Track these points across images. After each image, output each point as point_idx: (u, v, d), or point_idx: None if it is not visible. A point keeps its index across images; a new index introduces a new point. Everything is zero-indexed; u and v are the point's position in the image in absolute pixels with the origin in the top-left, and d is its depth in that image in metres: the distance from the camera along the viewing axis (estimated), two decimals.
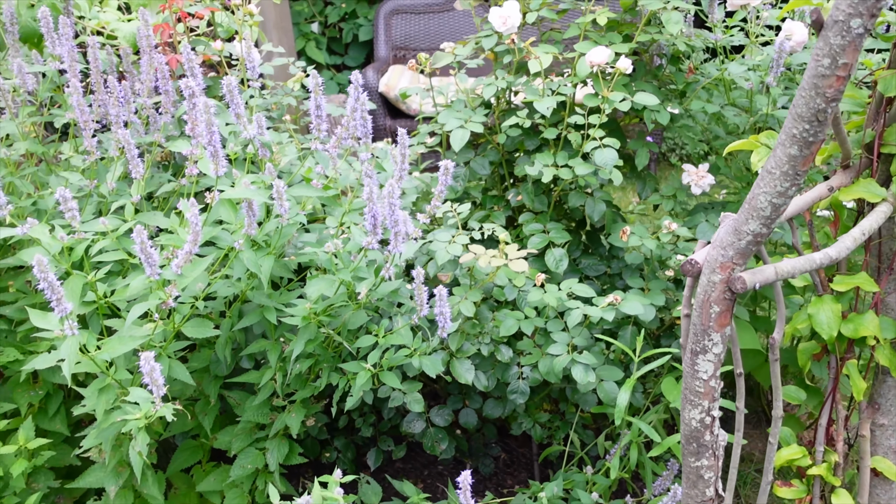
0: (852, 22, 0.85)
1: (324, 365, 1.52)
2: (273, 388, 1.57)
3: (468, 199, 2.07)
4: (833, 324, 1.40)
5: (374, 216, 1.25)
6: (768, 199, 1.00)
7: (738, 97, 1.96)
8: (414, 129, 2.22)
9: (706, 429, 1.19)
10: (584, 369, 1.59)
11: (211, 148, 1.22)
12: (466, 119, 1.80)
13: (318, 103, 1.31)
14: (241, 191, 1.30)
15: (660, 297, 1.74)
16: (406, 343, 1.43)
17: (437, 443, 1.82)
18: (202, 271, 1.31)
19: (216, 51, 1.76)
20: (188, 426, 1.74)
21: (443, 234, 1.62)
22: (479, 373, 1.71)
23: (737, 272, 1.08)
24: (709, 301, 1.10)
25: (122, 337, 1.30)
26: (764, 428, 2.40)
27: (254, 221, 1.34)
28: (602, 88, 1.63)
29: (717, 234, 1.09)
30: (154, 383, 1.14)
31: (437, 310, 1.35)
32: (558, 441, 2.04)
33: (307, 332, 1.40)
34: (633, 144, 1.87)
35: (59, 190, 1.29)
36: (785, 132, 0.96)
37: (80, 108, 1.45)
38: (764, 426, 2.40)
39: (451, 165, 1.43)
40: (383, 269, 1.34)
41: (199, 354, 1.67)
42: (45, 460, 1.64)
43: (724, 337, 1.13)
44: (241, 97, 1.34)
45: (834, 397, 1.53)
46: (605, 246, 2.01)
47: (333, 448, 2.00)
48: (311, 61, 4.71)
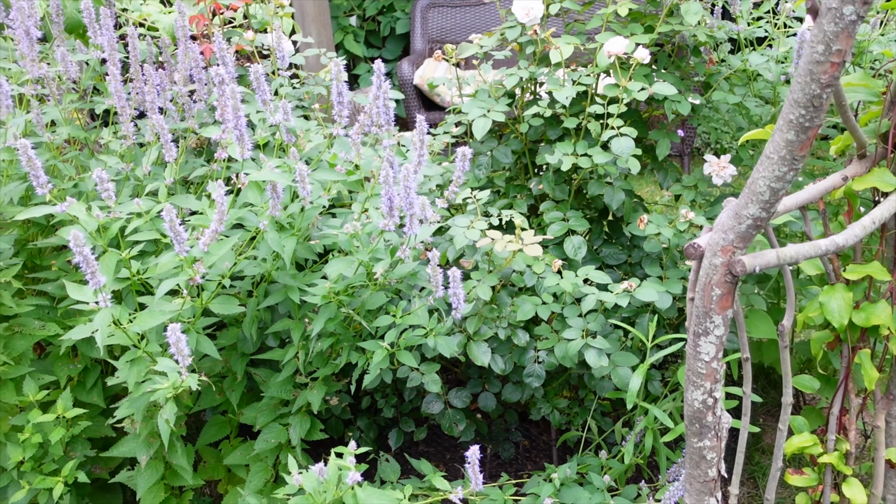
0: (845, 9, 0.88)
1: (344, 344, 1.58)
2: (296, 366, 1.63)
3: (492, 188, 2.11)
4: (844, 312, 1.41)
5: (391, 199, 1.30)
6: (767, 183, 1.03)
7: (762, 88, 1.97)
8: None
9: (708, 410, 1.22)
10: (598, 353, 1.62)
11: (237, 132, 1.28)
12: (489, 108, 1.84)
13: (339, 90, 1.37)
14: (266, 173, 1.36)
15: (676, 286, 1.77)
16: (422, 323, 1.48)
17: (455, 424, 1.87)
18: (228, 250, 1.38)
19: (248, 41, 1.83)
20: (216, 401, 1.82)
21: (462, 219, 1.67)
22: (496, 356, 1.76)
23: (737, 255, 1.10)
24: (710, 284, 1.13)
25: (153, 311, 1.37)
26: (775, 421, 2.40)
27: (278, 203, 1.40)
28: (621, 78, 1.66)
29: (719, 218, 1.12)
30: (180, 353, 1.21)
31: (450, 291, 1.40)
32: (577, 427, 2.07)
33: (327, 311, 1.46)
34: (655, 135, 1.89)
35: (97, 171, 1.36)
36: (782, 118, 0.98)
37: (118, 94, 1.53)
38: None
39: (468, 152, 1.47)
40: (399, 251, 1.39)
41: (226, 332, 1.75)
42: (82, 430, 1.73)
43: (726, 319, 1.16)
44: (267, 85, 1.40)
45: (846, 386, 1.53)
46: (627, 235, 2.04)
47: (356, 428, 2.06)
48: (349, 54, 4.79)
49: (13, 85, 1.64)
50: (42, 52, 1.91)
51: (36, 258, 1.86)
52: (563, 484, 1.73)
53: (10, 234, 1.75)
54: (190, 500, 1.86)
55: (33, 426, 1.65)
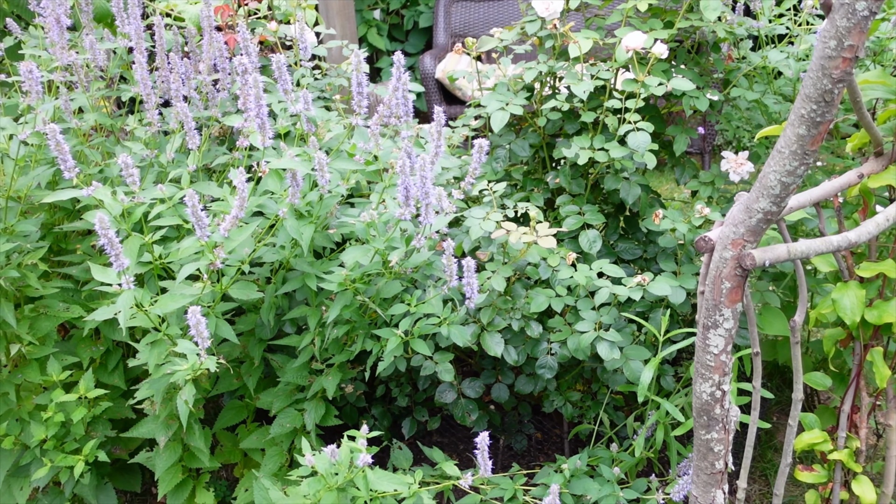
0: (857, 4, 0.88)
1: (359, 331, 1.61)
2: (312, 352, 1.66)
3: (509, 181, 2.13)
4: (856, 309, 1.41)
5: (407, 189, 1.32)
6: (778, 177, 1.04)
7: (782, 86, 1.97)
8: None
9: (716, 402, 1.23)
10: (610, 346, 1.64)
11: (258, 120, 1.31)
12: (507, 102, 1.85)
13: (358, 80, 1.39)
14: (286, 161, 1.39)
15: (690, 281, 1.77)
16: (436, 312, 1.51)
17: (468, 413, 1.89)
18: (248, 236, 1.41)
19: (272, 32, 1.87)
20: (233, 386, 1.85)
21: (478, 211, 1.69)
22: (509, 347, 1.77)
23: (747, 249, 1.11)
24: (720, 277, 1.14)
25: (174, 294, 1.41)
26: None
27: (297, 191, 1.43)
28: (639, 73, 1.67)
29: (730, 212, 1.13)
30: (199, 335, 1.24)
31: (464, 280, 1.42)
32: (589, 420, 2.09)
33: (343, 298, 1.49)
34: (672, 130, 1.90)
35: (122, 156, 1.40)
36: (794, 112, 0.99)
37: (144, 82, 1.56)
38: None
39: (485, 144, 1.49)
40: (414, 240, 1.41)
41: (245, 318, 1.78)
42: (103, 410, 1.77)
43: (736, 313, 1.17)
44: (288, 75, 1.43)
45: (858, 383, 1.54)
46: (643, 231, 2.04)
47: (371, 416, 2.09)
48: (373, 47, 4.82)
49: (43, 72, 1.68)
50: (71, 41, 1.95)
51: (62, 242, 1.90)
52: (574, 475, 1.75)
53: (38, 217, 1.79)
54: (206, 482, 1.90)
55: (56, 405, 1.69)
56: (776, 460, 2.24)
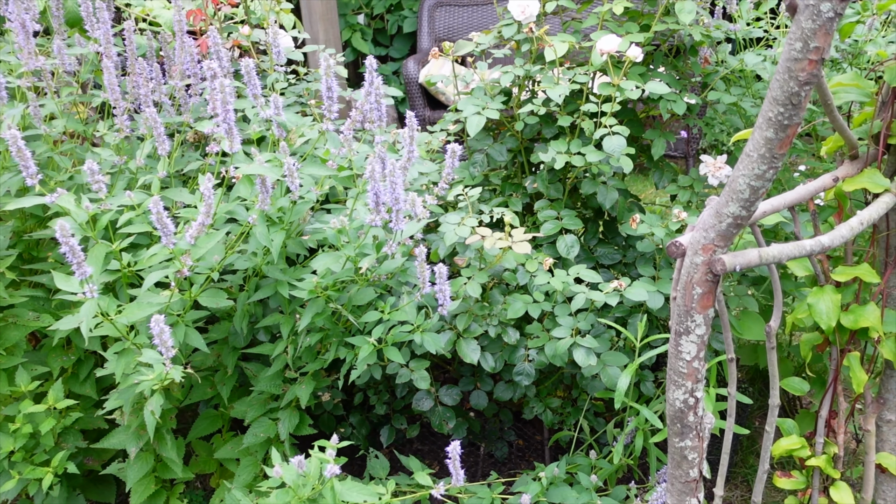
0: (822, 6, 0.87)
1: (333, 339, 1.59)
2: (286, 361, 1.64)
3: (488, 186, 2.11)
4: (832, 314, 1.40)
5: (377, 195, 1.30)
6: (747, 181, 1.02)
7: (759, 89, 1.96)
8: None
9: (690, 409, 1.21)
10: (587, 353, 1.62)
11: (226, 125, 1.29)
12: (484, 106, 1.84)
13: (328, 85, 1.37)
14: (255, 167, 1.36)
15: (669, 286, 1.76)
16: (410, 320, 1.49)
17: (445, 421, 1.87)
18: (217, 243, 1.38)
19: (244, 36, 1.84)
20: (207, 395, 1.83)
21: (453, 216, 1.67)
22: (486, 354, 1.75)
23: (718, 254, 1.10)
24: (691, 283, 1.13)
25: (141, 303, 1.38)
26: None
27: (267, 197, 1.41)
28: (614, 77, 1.66)
29: (700, 216, 1.12)
30: (163, 345, 1.22)
31: (436, 287, 1.40)
32: (569, 427, 2.07)
33: (315, 306, 1.46)
34: (650, 134, 1.89)
35: (88, 163, 1.37)
36: (762, 116, 0.98)
37: (112, 88, 1.54)
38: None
39: (458, 149, 1.47)
40: (385, 246, 1.39)
41: (218, 326, 1.76)
42: (74, 421, 1.74)
43: (708, 318, 1.15)
44: (258, 80, 1.41)
45: (835, 388, 1.52)
46: (623, 235, 2.03)
47: (348, 424, 2.06)
48: (357, 52, 4.80)
49: (8, 77, 1.65)
50: (43, 46, 1.92)
51: (33, 250, 1.87)
52: (552, 483, 1.73)
53: (7, 225, 1.76)
54: (181, 493, 1.87)
55: (24, 416, 1.66)
56: (757, 465, 2.22)
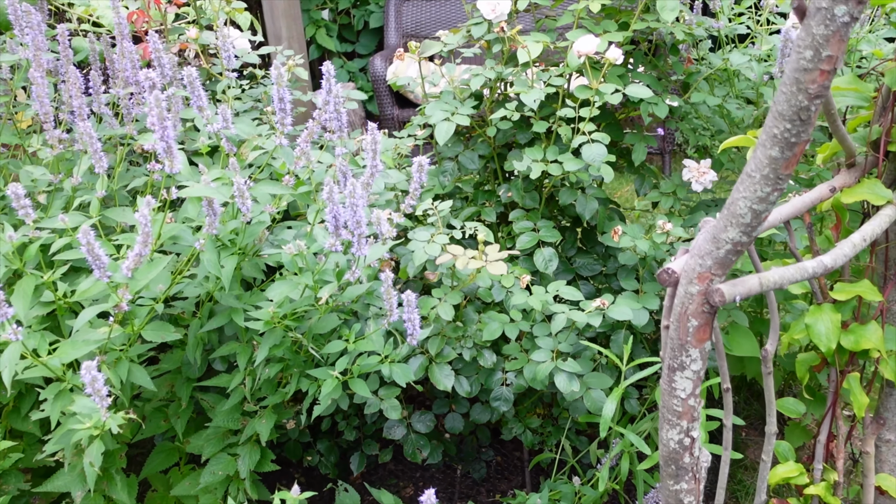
0: (837, 9, 0.76)
1: (294, 370, 1.46)
2: (244, 394, 1.51)
3: (459, 195, 1.99)
4: (832, 335, 1.30)
5: (336, 217, 1.18)
6: (748, 204, 0.91)
7: (744, 88, 1.86)
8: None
9: (685, 450, 1.10)
10: (568, 378, 1.51)
11: (164, 143, 1.15)
12: (453, 111, 1.71)
13: (281, 95, 1.24)
14: (200, 188, 1.23)
15: (653, 301, 1.65)
16: (377, 349, 1.36)
17: (419, 449, 1.75)
18: (160, 271, 1.25)
19: (191, 39, 1.70)
20: (162, 428, 1.69)
21: (422, 233, 1.55)
22: (461, 378, 1.64)
23: (715, 283, 0.99)
24: (686, 314, 1.02)
25: (76, 341, 1.24)
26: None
27: (215, 220, 1.27)
28: (593, 80, 1.54)
29: (695, 241, 1.00)
30: (97, 394, 1.08)
31: (405, 316, 1.27)
32: (550, 447, 1.96)
33: (272, 338, 1.34)
34: (631, 139, 1.78)
35: (12, 186, 1.23)
36: (765, 132, 0.87)
37: (41, 100, 1.39)
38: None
39: (426, 162, 1.35)
40: (347, 273, 1.26)
41: (170, 355, 1.62)
42: (14, 462, 1.59)
43: (704, 352, 1.05)
44: (202, 89, 1.27)
45: (834, 412, 1.43)
46: (603, 244, 1.92)
47: (316, 451, 1.94)
48: (322, 49, 4.64)
49: None
50: None
51: None
52: None
53: None
54: None
55: None
56: (746, 481, 2.14)
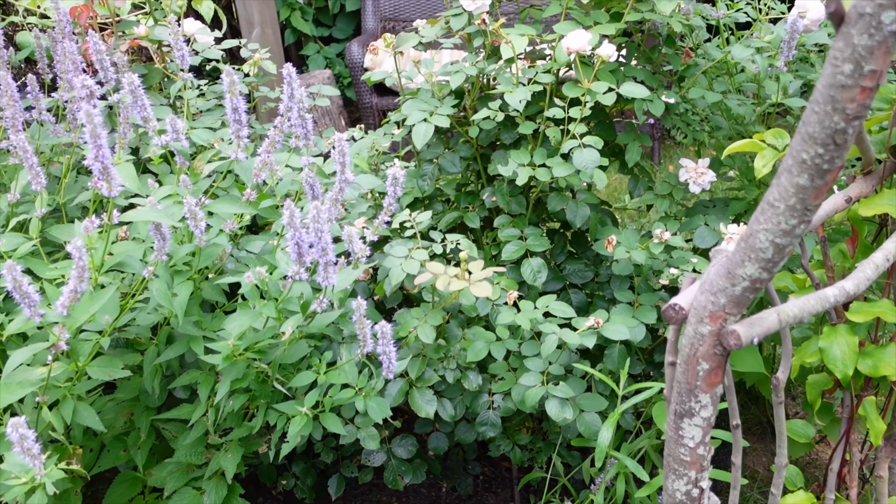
0: (884, 16, 0.63)
1: (261, 401, 1.33)
2: (206, 427, 1.38)
3: (440, 197, 1.86)
4: (848, 360, 1.19)
5: (299, 243, 1.04)
6: (770, 238, 0.79)
7: (743, 81, 1.73)
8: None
9: (693, 502, 0.99)
10: (560, 404, 1.39)
11: (99, 164, 1.01)
12: (431, 111, 1.58)
13: (234, 105, 1.10)
14: (144, 212, 1.09)
15: (650, 314, 1.54)
16: (350, 381, 1.24)
17: (400, 476, 1.63)
18: (104, 303, 1.11)
19: (141, 36, 1.55)
20: (121, 459, 1.56)
21: (399, 247, 1.41)
22: (444, 401, 1.52)
23: (730, 323, 0.87)
24: (695, 356, 0.90)
25: (10, 384, 1.11)
26: (768, 441, 2.20)
27: (165, 246, 1.14)
28: (583, 78, 1.41)
29: (706, 274, 0.88)
30: (27, 453, 0.95)
31: (379, 349, 1.15)
32: (540, 464, 1.85)
33: (233, 371, 1.21)
34: (624, 138, 1.65)
35: None
36: (792, 156, 0.74)
37: None
38: (769, 439, 2.21)
39: (400, 175, 1.22)
40: (314, 303, 1.13)
41: (127, 383, 1.49)
42: None
43: (715, 397, 0.93)
44: (146, 97, 1.13)
45: (847, 439, 1.32)
46: (593, 248, 1.80)
47: (291, 474, 1.82)
48: (297, 33, 4.47)
49: None
50: None
51: None
52: None
53: None
54: None
55: None
56: (750, 494, 2.04)
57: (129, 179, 1.25)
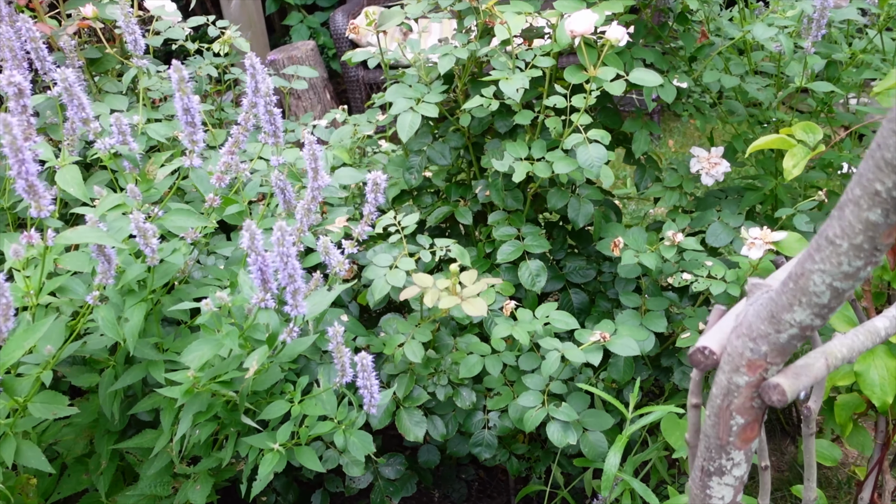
0: None
1: (230, 429, 1.20)
2: (170, 457, 1.24)
3: (429, 188, 1.71)
4: (888, 386, 1.06)
5: (262, 269, 0.90)
6: (827, 280, 0.65)
7: (759, 60, 1.58)
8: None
9: None
10: (563, 428, 1.26)
11: (22, 182, 0.85)
12: (418, 98, 1.42)
13: (185, 105, 0.94)
14: (84, 232, 0.94)
15: (660, 322, 1.40)
16: (329, 412, 1.10)
17: (389, 497, 1.51)
18: (42, 335, 0.97)
19: (88, 17, 1.37)
20: (82, 484, 1.43)
21: (383, 255, 1.27)
22: (434, 418, 1.39)
23: (771, 374, 0.73)
24: (729, 409, 0.76)
25: None
26: (778, 440, 2.09)
27: (110, 269, 0.99)
28: (588, 63, 1.25)
29: (743, 315, 0.74)
30: None
31: (359, 382, 1.01)
32: (538, 475, 1.74)
33: (196, 404, 1.07)
34: (630, 125, 1.50)
35: None
36: (861, 186, 0.60)
37: None
38: (778, 437, 2.09)
39: (382, 180, 1.07)
40: (283, 333, 0.99)
41: (86, 405, 1.35)
42: None
43: (749, 454, 0.80)
44: (84, 94, 0.97)
45: (881, 466, 1.20)
46: (596, 246, 1.66)
47: (272, 489, 1.69)
48: (279, 2, 4.25)
49: None
50: None
51: None
52: None
53: None
54: None
55: None
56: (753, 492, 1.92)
57: (73, 185, 1.10)
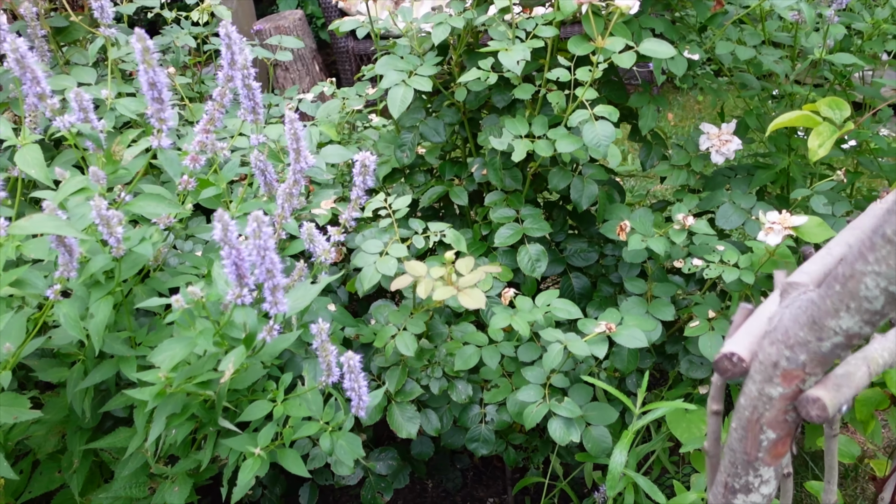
0: None
1: (209, 429, 1.11)
2: (145, 458, 1.16)
3: (422, 166, 1.61)
4: None
5: (237, 264, 0.81)
6: (881, 284, 0.56)
7: (773, 29, 1.48)
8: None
9: None
10: (565, 424, 1.18)
11: None
12: (410, 71, 1.32)
13: (151, 79, 0.85)
14: (39, 221, 0.84)
15: (667, 309, 1.32)
16: (314, 413, 1.02)
17: (380, 493, 1.43)
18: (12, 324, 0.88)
19: None
20: (56, 482, 1.35)
21: (372, 241, 1.18)
22: (428, 412, 1.31)
23: (809, 385, 0.65)
24: (758, 422, 0.68)
25: None
26: None
27: (72, 261, 0.90)
28: (595, 33, 1.15)
29: (778, 318, 0.66)
30: None
31: (346, 384, 0.92)
32: (537, 465, 1.67)
33: (168, 407, 0.98)
34: (636, 101, 1.41)
35: None
36: None
37: None
38: None
39: (371, 161, 0.97)
40: (262, 332, 0.90)
41: (56, 400, 1.26)
42: None
43: (779, 471, 0.72)
44: (39, 67, 0.87)
45: None
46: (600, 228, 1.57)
47: (258, 483, 1.62)
48: None
49: None
50: None
51: None
52: None
53: None
54: None
55: None
56: None
57: (34, 166, 1.00)
